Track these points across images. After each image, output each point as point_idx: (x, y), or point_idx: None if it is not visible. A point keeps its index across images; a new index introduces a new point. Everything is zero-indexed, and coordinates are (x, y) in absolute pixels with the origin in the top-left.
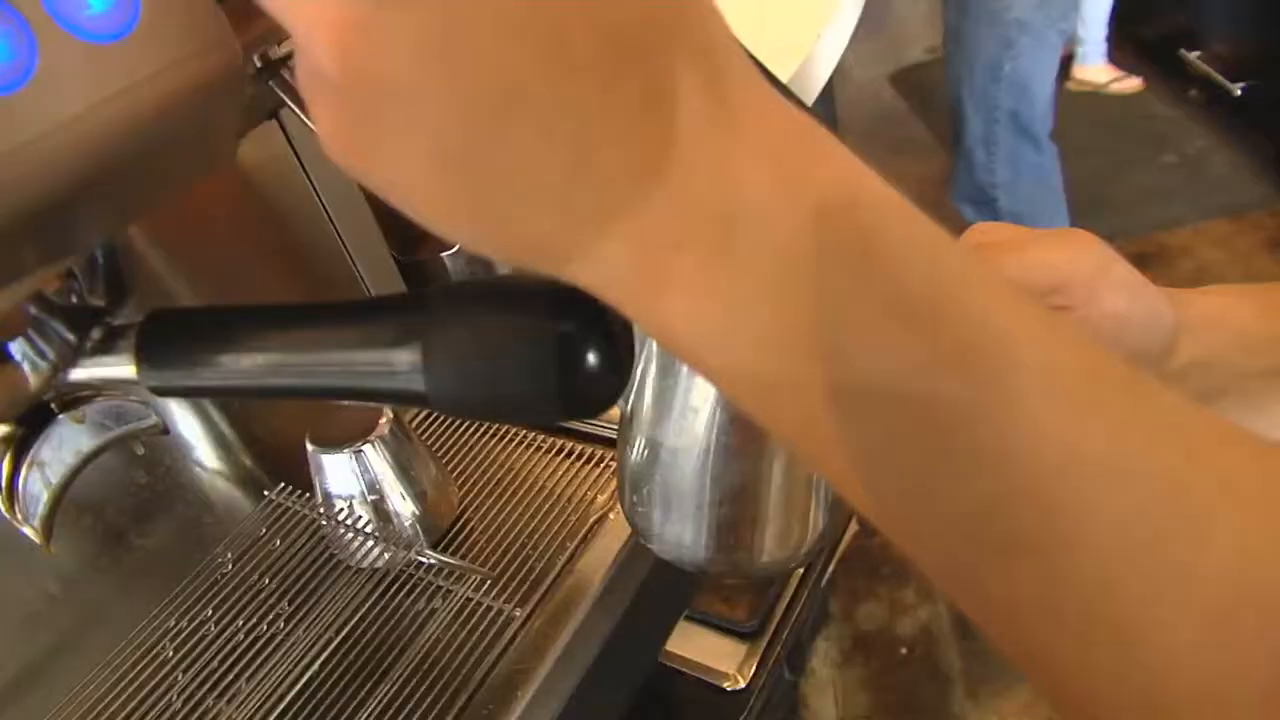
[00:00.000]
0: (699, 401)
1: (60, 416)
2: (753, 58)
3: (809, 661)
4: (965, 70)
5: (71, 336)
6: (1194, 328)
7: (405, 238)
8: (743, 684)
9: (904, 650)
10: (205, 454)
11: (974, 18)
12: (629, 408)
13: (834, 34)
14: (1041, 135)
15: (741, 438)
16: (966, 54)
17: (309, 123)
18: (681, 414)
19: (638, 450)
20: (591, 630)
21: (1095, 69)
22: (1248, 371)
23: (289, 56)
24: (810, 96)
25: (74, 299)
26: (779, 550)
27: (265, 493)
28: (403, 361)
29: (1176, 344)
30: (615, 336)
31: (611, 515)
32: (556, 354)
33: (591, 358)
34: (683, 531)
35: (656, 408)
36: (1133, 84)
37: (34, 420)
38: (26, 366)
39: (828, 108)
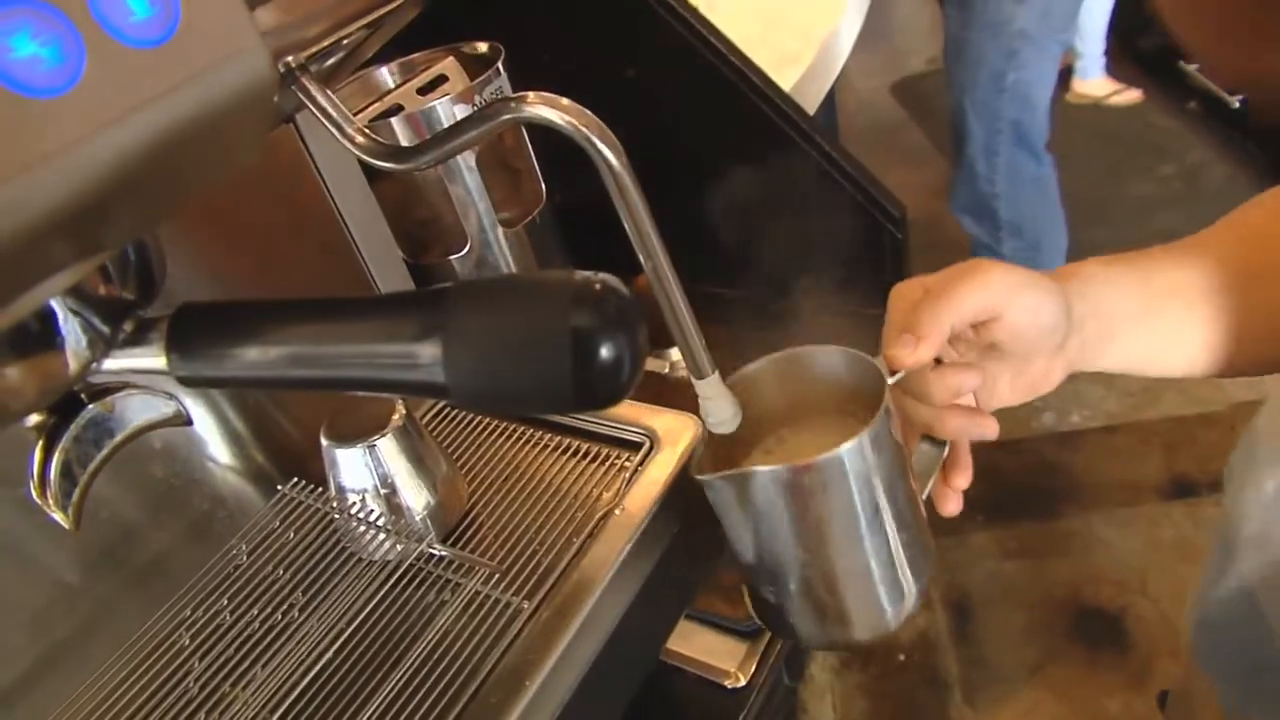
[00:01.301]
0: (778, 518)
1: (89, 406)
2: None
3: (808, 667)
4: (968, 81)
5: (105, 328)
6: (1080, 290)
7: (416, 241)
8: (743, 682)
9: (902, 657)
10: (219, 450)
11: (977, 29)
12: (746, 538)
13: (836, 44)
14: (1040, 146)
15: (815, 539)
16: (969, 65)
17: (328, 125)
18: (769, 530)
19: (746, 561)
20: (597, 623)
21: (1095, 82)
22: (1126, 313)
23: (309, 61)
24: (812, 106)
25: (107, 292)
26: (871, 624)
27: (279, 487)
28: (425, 355)
29: (1071, 306)
30: (627, 331)
31: (616, 512)
32: (571, 348)
33: (604, 351)
34: (789, 617)
35: (751, 527)
36: (1132, 96)
37: (64, 409)
38: (69, 354)
39: (829, 117)
